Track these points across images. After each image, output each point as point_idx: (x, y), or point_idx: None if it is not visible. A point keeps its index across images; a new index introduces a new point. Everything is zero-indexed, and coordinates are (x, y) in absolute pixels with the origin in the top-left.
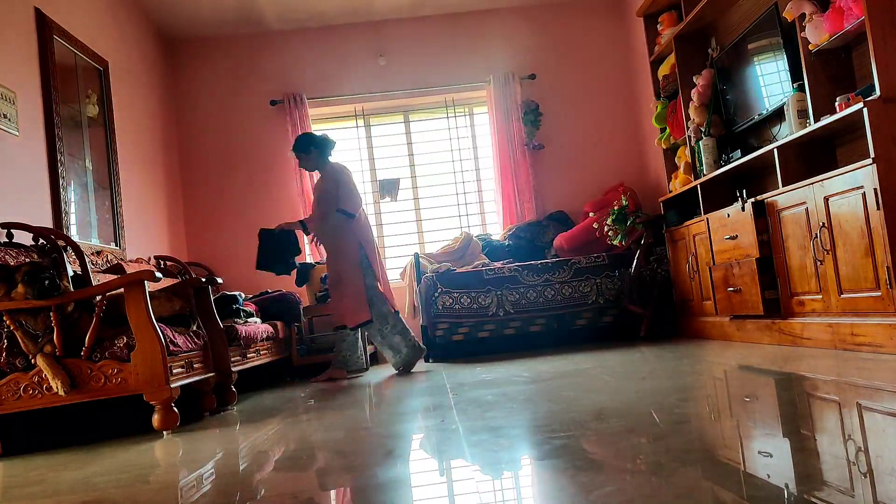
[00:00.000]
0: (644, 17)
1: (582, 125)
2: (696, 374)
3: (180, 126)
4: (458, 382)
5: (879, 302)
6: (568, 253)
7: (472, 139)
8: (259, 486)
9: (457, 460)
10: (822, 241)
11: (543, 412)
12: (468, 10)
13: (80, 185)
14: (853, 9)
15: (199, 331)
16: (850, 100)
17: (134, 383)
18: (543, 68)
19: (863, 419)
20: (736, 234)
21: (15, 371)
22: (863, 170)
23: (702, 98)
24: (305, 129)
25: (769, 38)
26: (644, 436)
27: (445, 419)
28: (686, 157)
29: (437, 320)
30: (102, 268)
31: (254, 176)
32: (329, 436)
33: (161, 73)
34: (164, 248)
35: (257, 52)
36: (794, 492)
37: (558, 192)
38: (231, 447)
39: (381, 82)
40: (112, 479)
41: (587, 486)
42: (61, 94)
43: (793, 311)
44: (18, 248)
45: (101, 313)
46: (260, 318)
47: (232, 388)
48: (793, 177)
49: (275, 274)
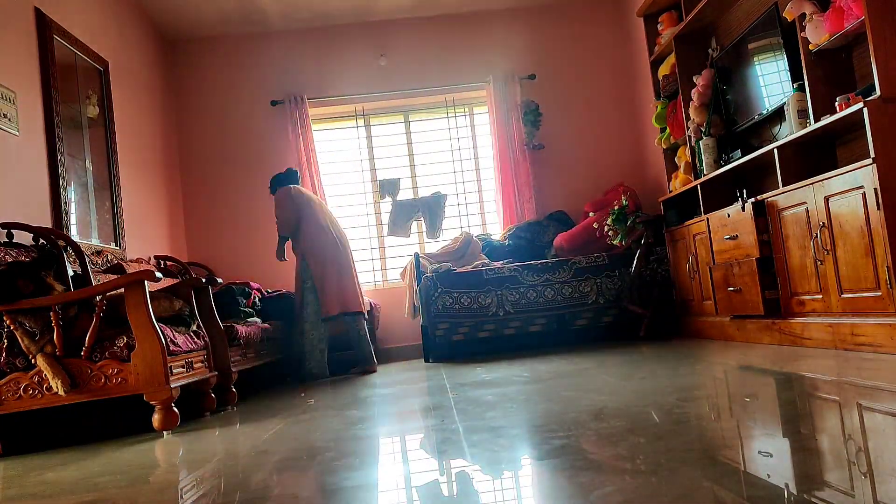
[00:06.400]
0: (644, 17)
1: (582, 125)
2: (696, 374)
3: (180, 126)
4: (457, 382)
5: (879, 302)
6: (568, 253)
7: (472, 139)
8: (259, 486)
9: (457, 460)
10: (822, 241)
11: (543, 412)
12: (468, 11)
13: (80, 185)
14: (853, 9)
15: (199, 331)
16: (850, 100)
17: (134, 383)
18: (543, 68)
19: (863, 419)
20: (736, 233)
21: (15, 371)
22: (863, 170)
23: (702, 98)
24: (305, 129)
25: (769, 38)
26: (644, 436)
27: (445, 419)
28: (686, 156)
29: (437, 320)
30: (102, 268)
31: (254, 176)
32: (329, 436)
33: (161, 74)
34: (164, 248)
35: (258, 52)
36: (794, 492)
37: (558, 192)
38: (231, 447)
39: (382, 82)
40: (112, 479)
41: (587, 486)
42: (61, 94)
43: (793, 311)
44: (18, 248)
45: (101, 313)
46: (260, 318)
47: (232, 388)
48: (793, 177)
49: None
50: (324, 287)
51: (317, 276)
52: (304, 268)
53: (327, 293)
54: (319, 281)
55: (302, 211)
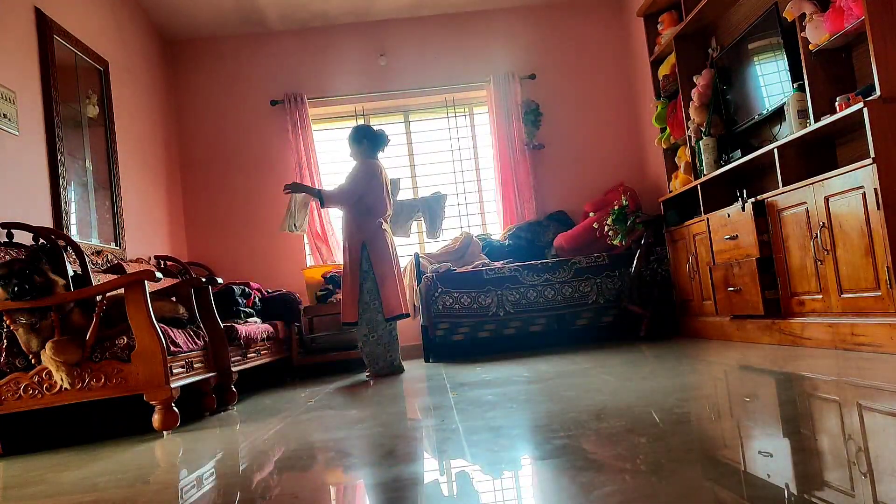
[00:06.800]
0: (644, 17)
1: (582, 125)
2: (696, 374)
3: (180, 126)
4: (458, 382)
5: (879, 302)
6: (568, 253)
7: (472, 139)
8: (259, 486)
9: (457, 460)
10: (822, 240)
11: (543, 412)
12: (468, 10)
13: (80, 185)
14: (853, 9)
15: (200, 331)
16: (850, 100)
17: (134, 383)
18: (543, 68)
19: (863, 419)
20: (736, 234)
21: (15, 371)
22: (863, 170)
23: (702, 98)
24: (305, 129)
25: (769, 38)
26: (644, 436)
27: (445, 419)
28: (686, 156)
29: (437, 320)
30: (102, 268)
31: (254, 176)
32: (329, 436)
33: (161, 74)
34: (164, 248)
35: (257, 52)
36: (794, 492)
37: (558, 192)
38: (231, 447)
39: (382, 82)
40: (112, 479)
41: (587, 485)
42: (61, 94)
43: (793, 311)
44: (19, 248)
45: (101, 313)
46: (260, 318)
47: (232, 388)
48: (793, 177)
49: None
50: (385, 284)
51: (379, 271)
52: (364, 258)
53: (390, 291)
54: (381, 277)
55: (379, 194)
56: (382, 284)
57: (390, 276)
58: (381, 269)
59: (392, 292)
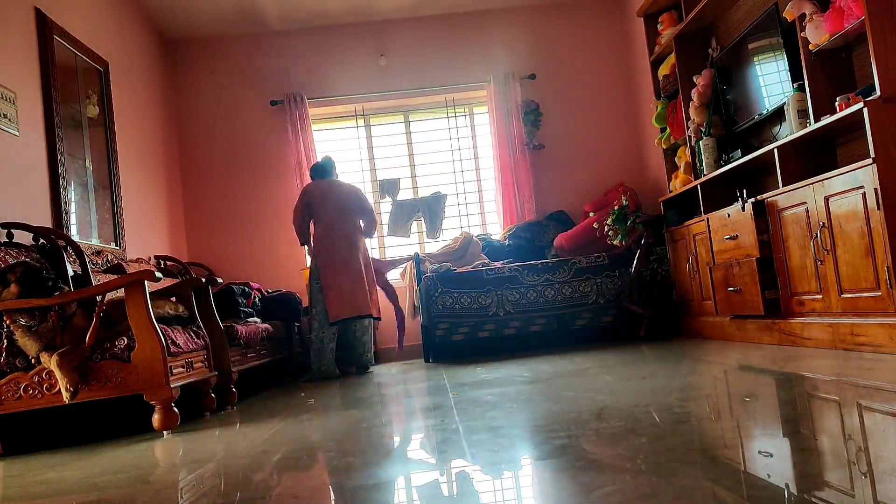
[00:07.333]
0: (644, 17)
1: (582, 125)
2: (696, 374)
3: (180, 126)
4: (458, 382)
5: (879, 302)
6: (568, 253)
7: (472, 139)
8: (260, 486)
9: (457, 460)
10: (822, 240)
11: (543, 412)
12: (468, 10)
13: (80, 185)
14: (853, 9)
15: (200, 331)
16: (850, 100)
17: (134, 383)
18: (543, 68)
19: (863, 419)
20: (736, 233)
21: (15, 371)
22: (863, 170)
23: (702, 98)
24: (305, 129)
25: (769, 38)
26: (644, 436)
27: (446, 419)
28: (686, 156)
29: (437, 320)
30: (102, 268)
31: (254, 176)
32: (329, 436)
33: (161, 74)
34: (164, 248)
35: (257, 52)
36: (794, 492)
37: (558, 192)
38: (231, 447)
39: (382, 82)
40: (112, 479)
41: (587, 486)
42: (61, 94)
43: (793, 311)
44: (19, 248)
45: (101, 313)
46: (260, 318)
47: (232, 388)
48: (793, 177)
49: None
50: (331, 290)
51: (325, 278)
52: (313, 268)
53: (335, 297)
54: (327, 284)
55: (312, 209)
56: (327, 291)
57: (334, 284)
58: (326, 279)
59: (335, 298)
